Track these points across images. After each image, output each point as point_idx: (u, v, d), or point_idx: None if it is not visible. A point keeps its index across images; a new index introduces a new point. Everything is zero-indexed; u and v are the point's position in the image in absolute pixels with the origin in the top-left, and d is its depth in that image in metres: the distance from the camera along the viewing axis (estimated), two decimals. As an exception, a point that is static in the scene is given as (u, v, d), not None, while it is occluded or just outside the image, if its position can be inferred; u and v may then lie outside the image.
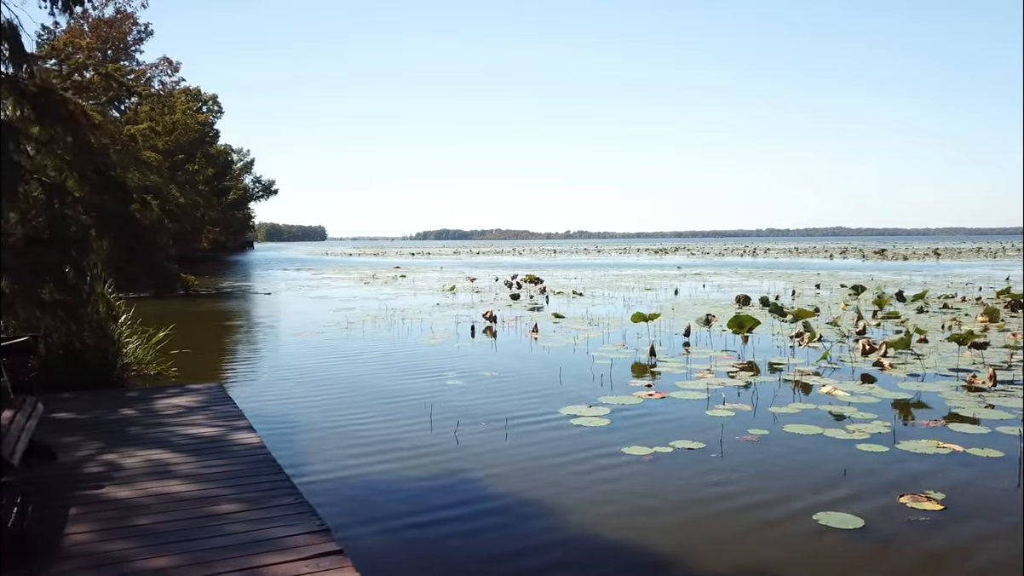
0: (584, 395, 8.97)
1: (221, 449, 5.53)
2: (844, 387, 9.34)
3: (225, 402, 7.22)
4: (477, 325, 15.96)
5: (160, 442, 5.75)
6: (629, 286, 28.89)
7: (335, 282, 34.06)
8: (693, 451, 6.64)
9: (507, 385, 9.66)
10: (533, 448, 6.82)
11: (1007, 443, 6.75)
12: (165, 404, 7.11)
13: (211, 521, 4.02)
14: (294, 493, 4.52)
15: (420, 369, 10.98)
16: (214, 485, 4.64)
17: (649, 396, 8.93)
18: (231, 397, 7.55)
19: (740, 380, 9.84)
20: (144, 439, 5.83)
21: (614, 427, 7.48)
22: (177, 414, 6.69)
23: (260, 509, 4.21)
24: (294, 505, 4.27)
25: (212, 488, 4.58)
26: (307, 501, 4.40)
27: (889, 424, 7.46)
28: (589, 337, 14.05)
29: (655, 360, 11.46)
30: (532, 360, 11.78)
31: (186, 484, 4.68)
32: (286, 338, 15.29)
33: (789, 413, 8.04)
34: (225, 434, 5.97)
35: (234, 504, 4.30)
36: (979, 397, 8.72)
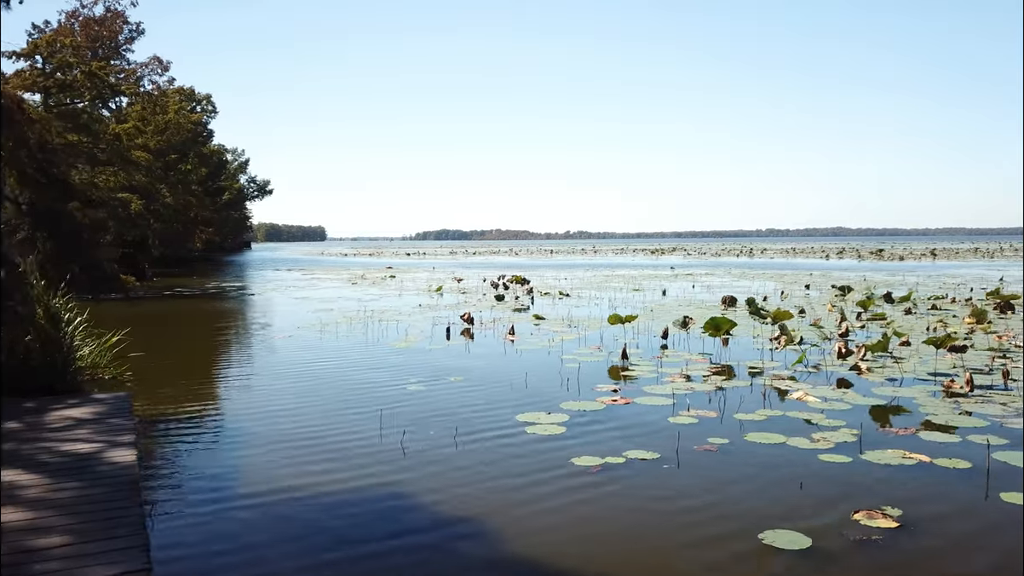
0: (547, 401, 8.65)
1: (85, 470, 5.13)
2: (817, 392, 9.03)
3: (122, 414, 6.78)
4: (454, 327, 15.65)
5: (24, 460, 5.34)
6: (618, 287, 28.57)
7: (322, 283, 33.74)
8: (646, 462, 6.32)
9: (469, 391, 9.34)
10: (479, 459, 6.51)
11: (977, 453, 6.43)
12: (57, 417, 6.70)
13: (27, 557, 3.63)
14: (133, 525, 4.12)
15: (383, 374, 10.66)
16: (52, 513, 4.26)
17: (613, 402, 8.62)
18: (132, 409, 7.13)
19: (711, 385, 9.52)
20: (12, 457, 5.41)
21: (569, 435, 7.16)
22: (63, 428, 6.30)
23: (87, 543, 3.82)
24: (126, 538, 3.89)
25: (48, 517, 4.20)
26: (143, 535, 4.03)
27: (857, 432, 7.14)
28: (565, 339, 13.73)
29: (627, 363, 11.14)
30: (502, 364, 11.46)
31: (22, 511, 4.29)
32: (253, 340, 14.97)
33: (755, 420, 7.72)
34: (100, 451, 5.57)
35: (62, 537, 3.92)
36: (955, 403, 8.40)
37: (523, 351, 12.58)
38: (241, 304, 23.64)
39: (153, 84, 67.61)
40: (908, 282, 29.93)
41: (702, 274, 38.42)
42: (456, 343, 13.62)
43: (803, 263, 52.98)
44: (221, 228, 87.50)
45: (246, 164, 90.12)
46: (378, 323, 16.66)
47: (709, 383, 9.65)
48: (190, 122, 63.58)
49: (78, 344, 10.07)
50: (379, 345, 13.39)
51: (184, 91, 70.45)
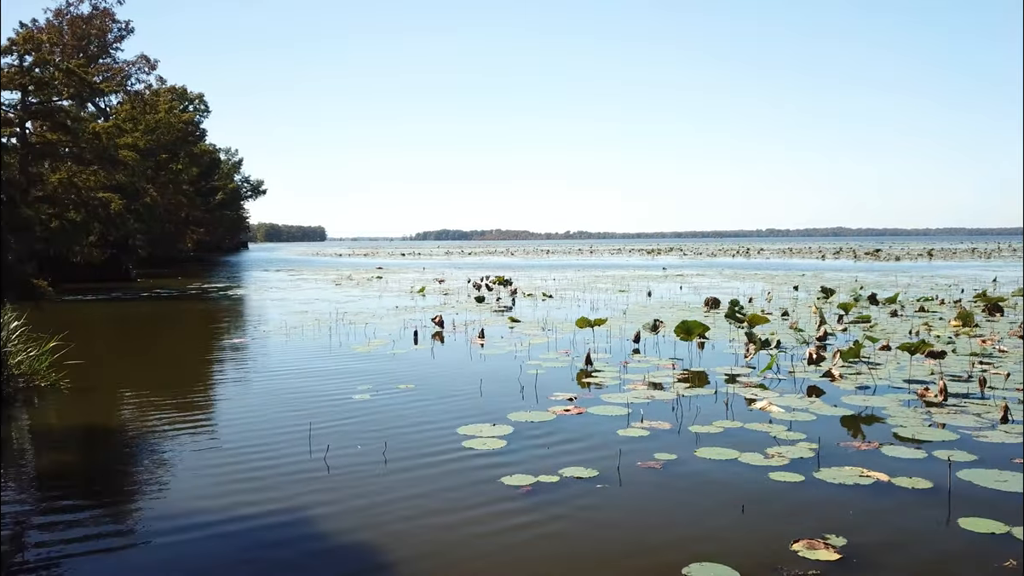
0: (496, 411, 8.17)
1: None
2: (784, 401, 8.55)
3: None
4: (425, 330, 15.18)
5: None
6: (605, 288, 28.09)
7: (307, 283, 33.27)
8: (581, 481, 5.84)
9: (416, 400, 8.86)
10: (402, 478, 6.03)
11: (941, 471, 5.95)
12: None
13: None
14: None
15: (333, 382, 10.17)
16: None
17: (566, 412, 8.14)
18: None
19: (673, 392, 9.04)
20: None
21: (507, 451, 6.68)
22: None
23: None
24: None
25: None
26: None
27: (816, 447, 6.66)
28: (534, 344, 13.25)
29: (591, 369, 10.66)
30: (461, 370, 10.98)
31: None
32: (212, 345, 14.49)
33: (710, 433, 7.24)
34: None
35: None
36: (927, 414, 7.92)
37: (487, 356, 12.11)
38: (216, 306, 23.17)
39: (145, 84, 67.24)
40: (900, 283, 29.44)
41: (693, 275, 37.93)
42: (422, 348, 13.14)
43: (798, 263, 52.49)
44: (214, 228, 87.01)
45: (239, 164, 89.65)
46: (348, 326, 16.18)
47: (672, 391, 9.17)
48: (181, 121, 63.12)
49: (13, 350, 9.63)
50: (340, 350, 12.91)
51: (176, 90, 70.03)
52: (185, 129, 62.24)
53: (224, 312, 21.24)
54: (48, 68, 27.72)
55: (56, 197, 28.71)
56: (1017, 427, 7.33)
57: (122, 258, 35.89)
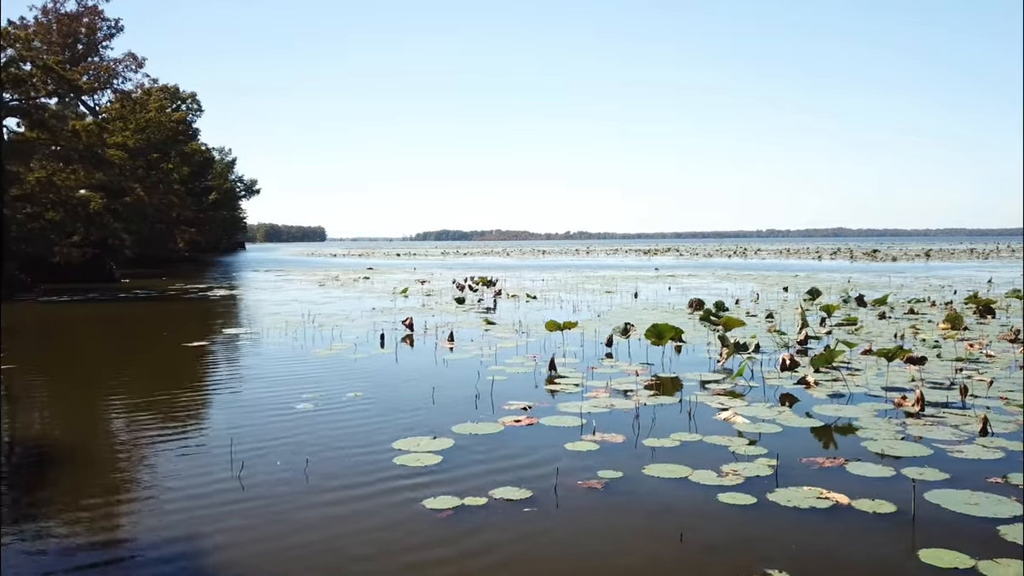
0: (442, 422, 7.64)
1: None
2: (751, 411, 8.02)
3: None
4: (395, 333, 14.66)
5: None
6: (592, 288, 27.56)
7: (292, 284, 32.75)
8: (510, 503, 5.31)
9: (361, 409, 8.33)
10: (318, 499, 5.50)
11: (908, 491, 5.41)
12: None
13: None
14: None
15: (277, 390, 9.64)
16: None
17: (516, 423, 7.61)
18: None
19: (634, 401, 8.50)
20: None
21: (439, 468, 6.15)
22: None
23: None
24: None
25: None
26: None
27: (775, 463, 6.13)
28: (503, 348, 12.72)
29: (555, 375, 10.13)
30: (420, 376, 10.45)
31: None
32: (168, 349, 13.90)
33: (666, 447, 6.71)
34: None
35: None
36: (901, 425, 7.39)
37: (451, 361, 11.58)
38: (191, 307, 22.64)
39: (137, 84, 66.80)
40: (893, 284, 28.91)
41: (685, 275, 37.40)
42: (386, 352, 12.60)
43: (794, 264, 51.97)
44: (208, 228, 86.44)
45: (233, 163, 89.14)
46: (317, 329, 15.66)
47: (634, 399, 8.64)
48: (172, 121, 62.61)
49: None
50: (299, 354, 12.39)
51: (168, 89, 69.52)
52: (176, 128, 61.73)
53: (196, 313, 20.72)
54: (24, 65, 27.20)
55: (34, 196, 28.21)
56: (996, 441, 6.80)
57: (105, 258, 35.35)
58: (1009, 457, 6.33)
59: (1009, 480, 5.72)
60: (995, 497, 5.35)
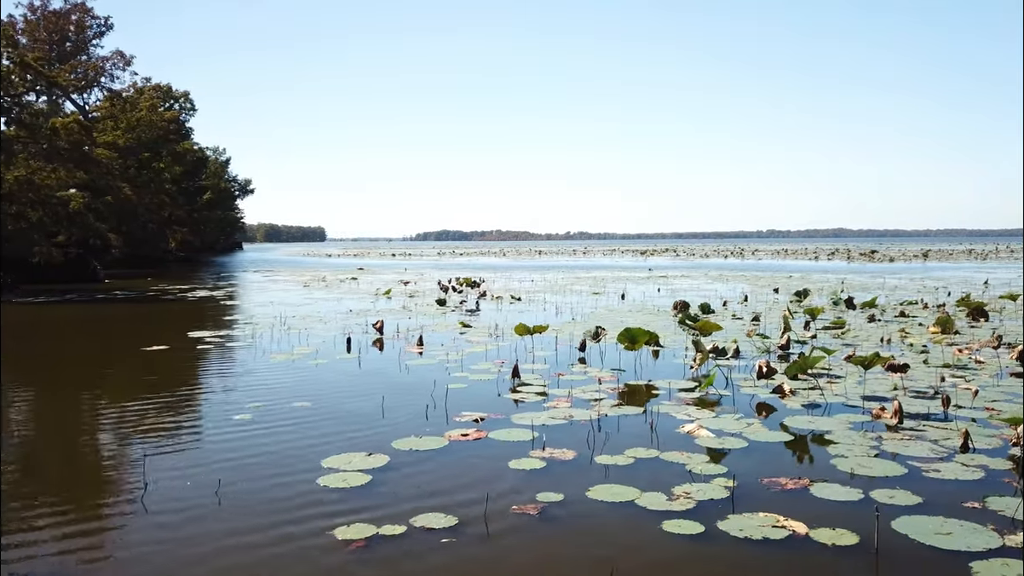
0: (384, 436, 7.11)
1: None
2: (719, 423, 7.50)
3: None
4: (364, 337, 14.14)
5: None
6: (580, 290, 27.02)
7: (276, 284, 32.23)
8: (430, 532, 4.78)
9: (301, 422, 7.80)
10: (223, 526, 4.98)
11: (874, 519, 4.89)
12: None
13: None
14: None
15: (222, 397, 9.12)
16: None
17: (462, 437, 7.08)
18: None
19: (596, 412, 7.97)
20: None
21: (364, 490, 5.62)
22: None
23: None
24: None
25: None
26: None
27: (733, 484, 5.60)
28: (473, 352, 12.19)
29: (518, 383, 9.60)
30: (377, 383, 9.91)
31: None
32: (126, 350, 13.36)
33: (618, 465, 6.19)
34: None
35: None
36: (877, 440, 6.86)
37: (415, 367, 11.04)
38: (165, 308, 22.12)
39: (131, 83, 66.43)
40: (888, 285, 28.38)
41: (678, 276, 36.88)
42: (350, 357, 12.07)
43: (789, 264, 51.46)
44: (203, 228, 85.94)
45: (227, 163, 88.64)
46: (286, 332, 15.13)
47: (596, 409, 8.11)
48: (164, 120, 62.13)
49: None
50: (259, 360, 11.85)
51: (161, 88, 69.07)
52: (167, 127, 61.24)
53: (168, 315, 20.21)
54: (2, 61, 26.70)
55: (13, 195, 27.70)
56: (978, 458, 6.27)
57: (89, 259, 34.82)
58: (990, 477, 5.81)
59: (987, 505, 5.19)
60: (970, 525, 4.82)
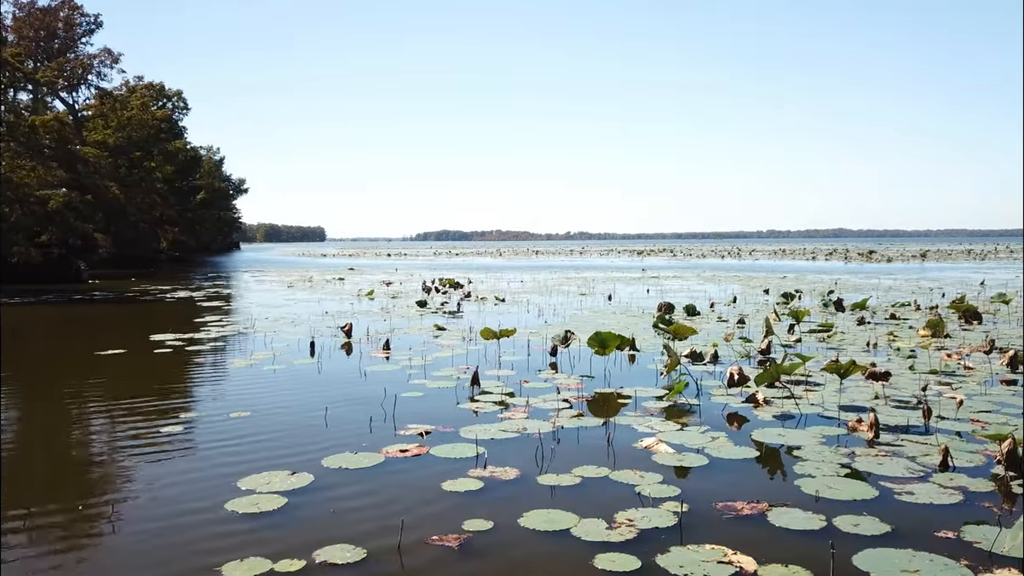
0: (316, 451, 6.57)
1: None
2: (682, 436, 6.96)
3: None
4: (329, 341, 13.61)
5: None
6: (568, 290, 26.47)
7: (261, 285, 31.69)
8: (333, 569, 4.24)
9: (229, 435, 7.24)
10: (109, 562, 4.44)
11: (838, 549, 4.34)
12: None
13: None
14: None
15: (159, 406, 8.57)
16: None
17: (401, 453, 6.53)
18: None
19: (552, 423, 7.42)
20: None
21: (274, 517, 5.08)
22: None
23: None
24: None
25: None
26: None
27: (684, 508, 5.05)
28: (438, 357, 11.65)
29: (477, 392, 9.05)
30: (329, 391, 9.37)
31: None
32: (81, 354, 12.80)
33: (563, 485, 5.64)
34: None
35: None
36: (850, 456, 6.31)
37: (374, 373, 10.50)
38: (138, 310, 21.57)
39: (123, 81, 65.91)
40: (882, 286, 27.83)
41: (670, 276, 36.33)
42: (311, 362, 11.52)
43: (785, 265, 50.91)
44: (198, 228, 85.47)
45: (221, 162, 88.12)
46: (252, 335, 14.61)
47: (554, 420, 7.56)
48: (155, 118, 61.61)
49: None
50: (213, 365, 11.32)
51: (154, 87, 68.58)
52: (159, 126, 60.73)
53: (139, 317, 19.67)
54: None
55: (-9, 194, 27.19)
56: (957, 478, 5.73)
57: (72, 259, 34.29)
58: (968, 501, 5.26)
59: (963, 535, 4.65)
60: (941, 560, 4.28)
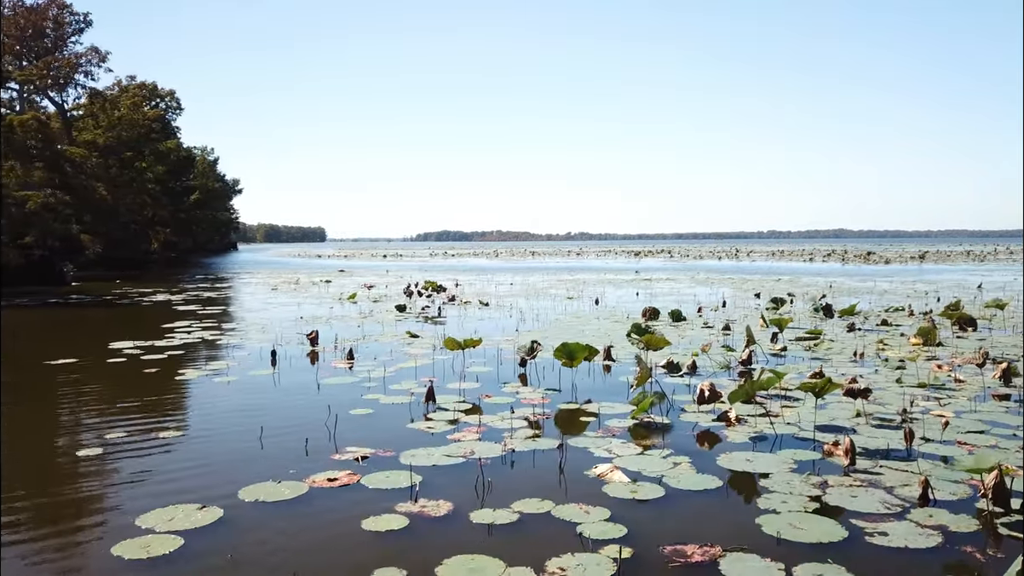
0: (235, 480, 5.98)
1: None
2: (642, 462, 6.37)
3: None
4: (295, 349, 13.04)
5: None
6: (556, 294, 25.88)
7: (246, 287, 31.12)
8: (199, 637, 3.65)
9: (151, 458, 6.66)
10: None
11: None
12: None
13: None
14: None
15: (90, 422, 7.98)
16: None
17: (329, 483, 5.93)
18: None
19: (503, 446, 6.82)
20: None
21: (160, 564, 4.49)
22: None
23: None
24: None
25: None
26: None
27: (626, 554, 4.47)
28: (401, 368, 11.07)
29: (432, 408, 8.46)
30: (275, 407, 8.78)
31: None
32: (22, 364, 12.22)
33: (498, 523, 5.06)
34: None
35: None
36: (822, 486, 5.72)
37: (329, 386, 9.90)
38: (108, 314, 20.98)
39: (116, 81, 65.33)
40: (877, 289, 27.23)
41: (663, 279, 35.73)
42: (270, 372, 10.94)
43: (781, 267, 50.31)
44: (193, 228, 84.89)
45: (215, 163, 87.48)
46: (217, 342, 14.03)
47: (506, 442, 6.97)
48: (146, 118, 61.11)
49: None
50: (162, 376, 10.72)
51: (146, 86, 68.05)
52: (150, 126, 60.21)
53: (106, 322, 19.07)
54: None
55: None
56: (938, 514, 5.13)
57: (55, 260, 33.72)
58: (948, 544, 4.67)
59: (939, 590, 4.06)
60: (912, 625, 3.69)
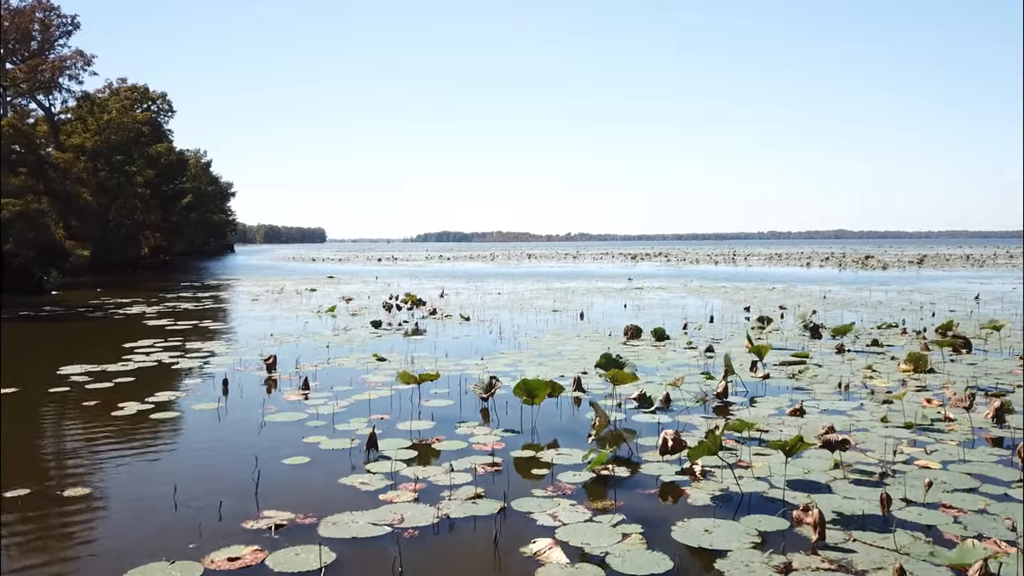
0: (127, 555, 5.31)
1: None
2: (589, 532, 5.69)
3: None
4: (253, 375, 12.37)
5: None
6: (542, 305, 25.18)
7: (229, 297, 30.42)
8: None
9: (45, 525, 5.98)
10: None
11: None
12: None
13: None
14: None
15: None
16: None
17: (229, 563, 5.24)
18: None
19: (438, 509, 6.14)
20: None
21: None
22: None
23: None
24: None
25: None
26: None
27: None
28: (354, 401, 10.39)
29: (374, 456, 7.77)
30: (205, 453, 8.09)
31: None
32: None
33: (403, 625, 4.37)
34: None
35: None
36: (784, 569, 5.04)
37: (274, 424, 9.20)
38: (72, 330, 20.28)
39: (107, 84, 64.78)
40: (872, 300, 26.53)
41: (654, 288, 35.04)
42: (216, 405, 10.25)
43: (777, 273, 49.63)
44: (187, 231, 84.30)
45: (208, 165, 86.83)
46: (173, 366, 13.35)
47: (443, 504, 6.28)
48: (135, 121, 60.58)
49: None
50: (98, 415, 10.04)
51: (137, 89, 67.51)
52: (139, 129, 59.61)
53: (64, 339, 18.38)
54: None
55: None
56: (913, 613, 4.44)
57: (33, 268, 33.03)
58: (923, 660, 3.98)
59: None
60: None
